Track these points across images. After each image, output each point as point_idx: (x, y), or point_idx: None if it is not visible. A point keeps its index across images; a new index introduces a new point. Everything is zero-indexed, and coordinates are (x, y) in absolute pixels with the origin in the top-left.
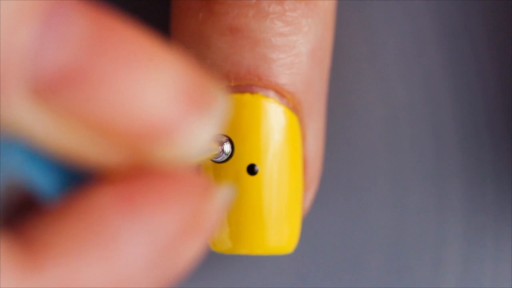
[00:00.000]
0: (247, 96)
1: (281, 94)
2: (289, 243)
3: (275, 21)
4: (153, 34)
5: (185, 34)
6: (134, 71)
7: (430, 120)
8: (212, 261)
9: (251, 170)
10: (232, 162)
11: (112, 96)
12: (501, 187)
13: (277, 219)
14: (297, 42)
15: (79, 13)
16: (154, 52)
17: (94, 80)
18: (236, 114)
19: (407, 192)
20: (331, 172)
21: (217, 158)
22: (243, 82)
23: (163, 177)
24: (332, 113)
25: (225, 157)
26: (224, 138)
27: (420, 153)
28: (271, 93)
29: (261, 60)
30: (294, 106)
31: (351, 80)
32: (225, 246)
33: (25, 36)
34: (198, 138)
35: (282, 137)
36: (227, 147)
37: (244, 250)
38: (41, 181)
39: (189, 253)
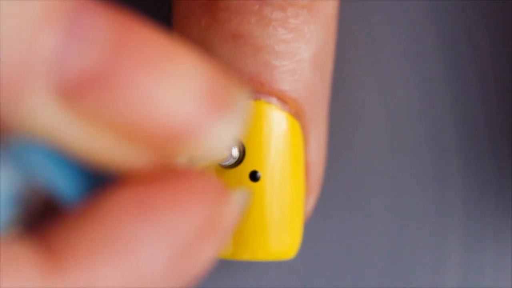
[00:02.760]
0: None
1: (284, 100)
2: (290, 248)
3: (277, 28)
4: (173, 37)
5: (187, 40)
6: (157, 73)
7: (430, 124)
8: (213, 265)
9: (253, 176)
10: (234, 169)
11: (135, 98)
12: (501, 192)
13: (279, 225)
14: (299, 48)
15: (102, 16)
16: (176, 54)
17: (118, 83)
18: None
19: (408, 197)
20: (331, 177)
21: (224, 162)
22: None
23: (181, 180)
24: (332, 117)
25: (233, 161)
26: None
27: (420, 158)
28: (274, 100)
29: (263, 67)
30: (296, 112)
31: (351, 84)
32: (227, 252)
33: (50, 39)
34: (220, 140)
35: (284, 143)
36: (235, 152)
37: (246, 256)
38: (63, 184)
39: (206, 255)
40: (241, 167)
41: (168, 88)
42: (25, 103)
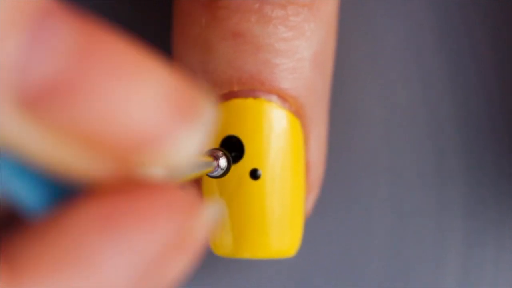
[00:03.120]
0: (250, 101)
1: (284, 98)
2: (291, 246)
3: (278, 26)
4: (139, 43)
5: (188, 39)
6: (121, 82)
7: (430, 123)
8: (213, 263)
9: (254, 174)
10: (235, 167)
11: (99, 107)
12: (501, 189)
13: (279, 223)
14: (299, 47)
15: (66, 24)
16: (141, 62)
17: (81, 92)
18: (239, 119)
19: (408, 195)
20: (331, 175)
21: (212, 173)
22: (246, 87)
23: (148, 192)
24: (332, 116)
25: (221, 172)
26: (220, 153)
27: (421, 157)
28: (274, 98)
29: (264, 65)
30: (296, 111)
31: (351, 83)
32: (227, 250)
33: (12, 47)
34: (185, 149)
35: (284, 141)
36: (222, 162)
37: (246, 254)
38: (27, 195)
39: (175, 269)
40: (242, 165)
41: (132, 97)
42: None
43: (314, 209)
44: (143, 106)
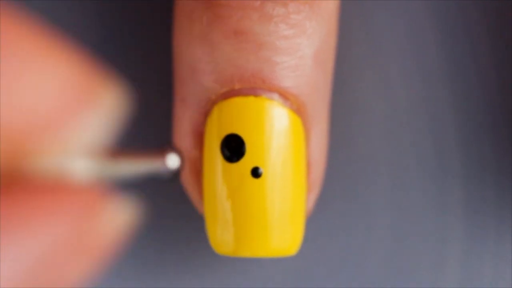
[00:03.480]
0: (251, 99)
1: (285, 96)
2: (292, 245)
3: (279, 24)
4: (44, 30)
5: (189, 37)
6: (18, 64)
7: (432, 122)
8: (213, 261)
9: (255, 172)
10: (236, 165)
11: None
12: (502, 187)
13: (280, 221)
14: (301, 44)
15: None
16: (39, 48)
17: None
18: (240, 117)
19: (408, 193)
20: (332, 173)
21: (159, 173)
22: (247, 85)
23: (42, 190)
24: (333, 115)
25: (169, 173)
26: (169, 150)
27: (422, 156)
28: (275, 96)
29: (265, 63)
30: (298, 109)
31: (352, 82)
32: (228, 248)
33: None
34: (80, 138)
35: (286, 140)
36: (172, 161)
37: (247, 253)
38: None
39: (71, 271)
40: (243, 163)
41: (28, 79)
42: None
43: (314, 207)
44: (37, 89)
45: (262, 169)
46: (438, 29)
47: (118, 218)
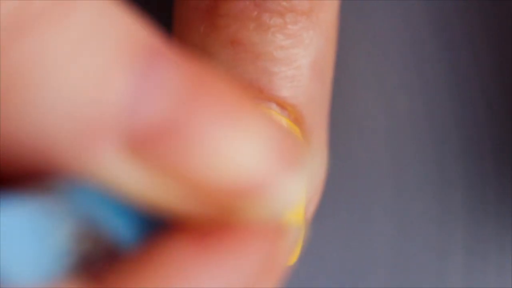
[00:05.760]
0: None
1: (283, 106)
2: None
3: (276, 34)
4: (242, 88)
5: (187, 46)
6: (226, 126)
7: (432, 129)
8: None
9: None
10: None
11: (203, 152)
12: (503, 196)
13: None
14: (298, 55)
15: (174, 64)
16: (245, 106)
17: (186, 135)
18: None
19: (409, 202)
20: (332, 181)
21: None
22: None
23: (237, 224)
24: (332, 123)
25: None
26: None
27: (422, 163)
28: (273, 106)
29: (262, 73)
30: (295, 119)
31: (352, 89)
32: None
33: (121, 87)
34: (287, 197)
35: None
36: None
37: None
38: (119, 228)
39: None
40: None
41: (237, 143)
42: (92, 156)
43: (314, 215)
44: (247, 152)
45: None
46: (439, 33)
47: (291, 241)
